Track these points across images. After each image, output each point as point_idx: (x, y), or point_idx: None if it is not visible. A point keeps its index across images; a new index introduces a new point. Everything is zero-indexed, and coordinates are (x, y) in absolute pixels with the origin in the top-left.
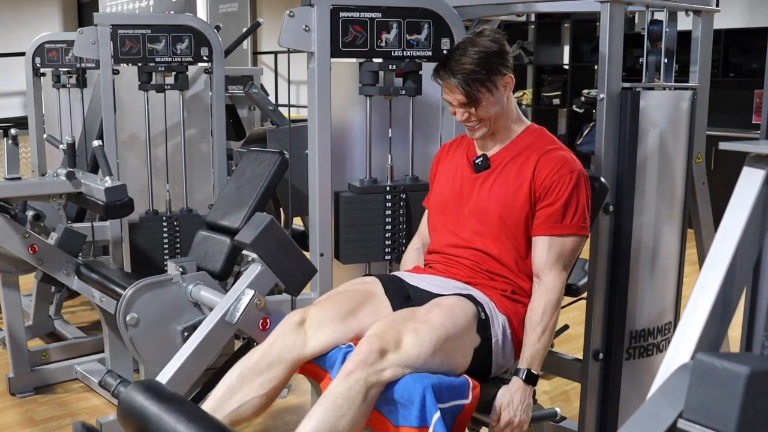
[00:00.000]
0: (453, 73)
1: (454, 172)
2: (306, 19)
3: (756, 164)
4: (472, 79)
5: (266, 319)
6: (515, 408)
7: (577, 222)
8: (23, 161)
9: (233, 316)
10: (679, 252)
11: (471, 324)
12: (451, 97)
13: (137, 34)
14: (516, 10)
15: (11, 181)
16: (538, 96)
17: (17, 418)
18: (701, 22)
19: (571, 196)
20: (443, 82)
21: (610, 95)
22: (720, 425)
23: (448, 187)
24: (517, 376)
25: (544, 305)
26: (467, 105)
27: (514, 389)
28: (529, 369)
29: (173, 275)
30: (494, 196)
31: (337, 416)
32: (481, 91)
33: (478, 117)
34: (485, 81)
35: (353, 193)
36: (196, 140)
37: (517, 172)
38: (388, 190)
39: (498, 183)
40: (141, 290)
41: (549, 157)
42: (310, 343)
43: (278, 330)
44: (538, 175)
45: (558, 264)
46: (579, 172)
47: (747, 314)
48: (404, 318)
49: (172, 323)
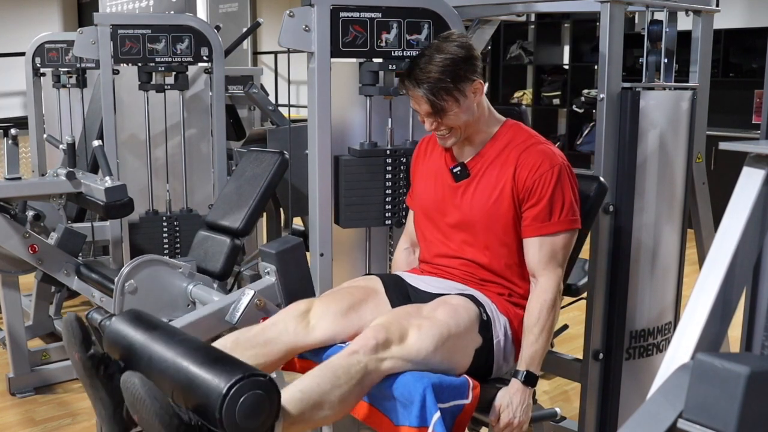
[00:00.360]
0: (418, 83)
1: (434, 177)
2: (306, 19)
3: (756, 164)
4: (438, 89)
5: (266, 318)
6: (514, 409)
7: (565, 217)
8: (23, 161)
9: (233, 315)
10: (679, 252)
11: (473, 324)
12: (418, 107)
13: (137, 34)
14: (516, 10)
15: (11, 181)
16: (538, 96)
17: (17, 418)
18: (701, 22)
19: (555, 192)
20: (408, 91)
21: (610, 95)
22: (720, 425)
23: (431, 193)
24: (515, 378)
25: (540, 306)
26: (434, 115)
27: (513, 391)
28: (528, 370)
29: (183, 266)
30: (477, 206)
31: (332, 385)
32: (448, 101)
33: (447, 126)
34: (452, 90)
35: (353, 157)
36: (196, 140)
37: (497, 177)
38: (389, 153)
39: (479, 191)
40: (149, 263)
41: (528, 155)
42: (311, 334)
43: (282, 313)
44: (519, 176)
45: (552, 262)
46: (560, 166)
47: (747, 314)
48: (409, 313)
49: (164, 309)
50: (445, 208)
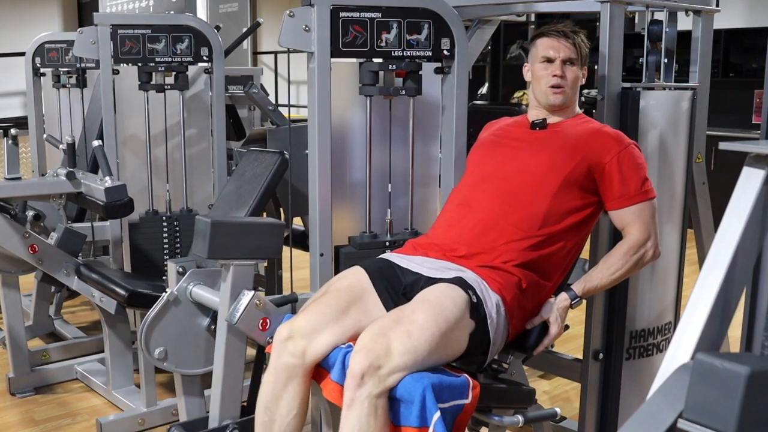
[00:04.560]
0: (565, 33)
1: (503, 138)
2: (306, 19)
3: (756, 164)
4: (581, 42)
5: (266, 319)
6: (561, 322)
7: (648, 187)
8: (23, 161)
9: (233, 316)
10: (679, 252)
11: (463, 311)
12: (560, 50)
13: (137, 34)
14: (516, 10)
15: (11, 181)
16: None
17: (17, 418)
18: (701, 22)
19: (633, 166)
20: (558, 36)
21: (610, 95)
22: (720, 425)
23: (496, 154)
24: (567, 294)
25: (629, 247)
26: (571, 62)
27: (561, 306)
28: (580, 295)
29: (168, 294)
30: (545, 153)
31: None
32: (585, 55)
33: (571, 77)
34: (586, 50)
35: (353, 249)
36: (196, 140)
37: (575, 142)
38: (387, 245)
39: (551, 143)
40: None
41: (602, 132)
42: (310, 351)
43: (274, 354)
44: (594, 148)
45: (645, 224)
46: (635, 144)
47: (747, 314)
48: (393, 320)
49: (196, 329)
50: (509, 154)
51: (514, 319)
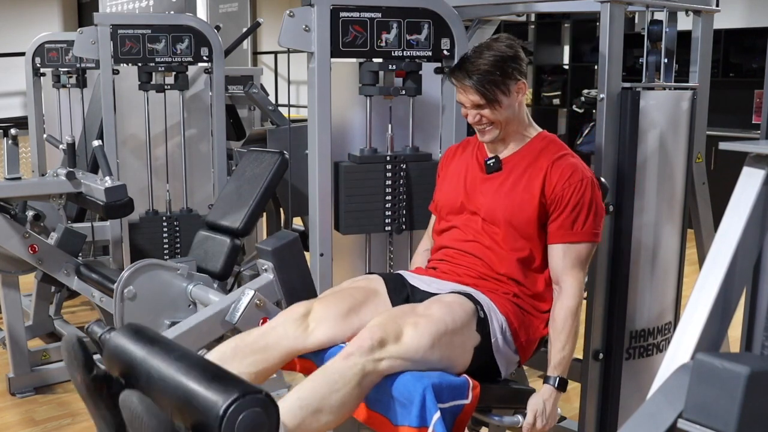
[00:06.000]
0: (469, 74)
1: (465, 173)
2: (306, 19)
3: (756, 164)
4: (487, 81)
5: (266, 319)
6: (548, 414)
7: (589, 229)
8: (23, 161)
9: (233, 315)
10: (679, 252)
11: (470, 320)
12: (465, 98)
13: (137, 34)
14: (516, 10)
15: (11, 181)
16: (538, 96)
17: (17, 418)
18: (701, 22)
19: (584, 203)
20: (458, 83)
21: (610, 95)
22: (720, 425)
23: (460, 188)
24: (548, 383)
25: (565, 313)
26: (481, 106)
27: (546, 396)
28: (560, 376)
29: (181, 267)
30: (505, 200)
31: (330, 390)
32: (495, 93)
33: (489, 119)
34: (499, 83)
35: (353, 163)
36: (196, 140)
37: (528, 178)
38: (388, 160)
39: (508, 186)
40: (147, 267)
41: (561, 164)
42: (311, 337)
43: (281, 317)
44: (549, 181)
45: (574, 269)
46: (590, 179)
47: (747, 314)
48: (404, 312)
49: (164, 312)
50: (472, 198)
51: (522, 345)
